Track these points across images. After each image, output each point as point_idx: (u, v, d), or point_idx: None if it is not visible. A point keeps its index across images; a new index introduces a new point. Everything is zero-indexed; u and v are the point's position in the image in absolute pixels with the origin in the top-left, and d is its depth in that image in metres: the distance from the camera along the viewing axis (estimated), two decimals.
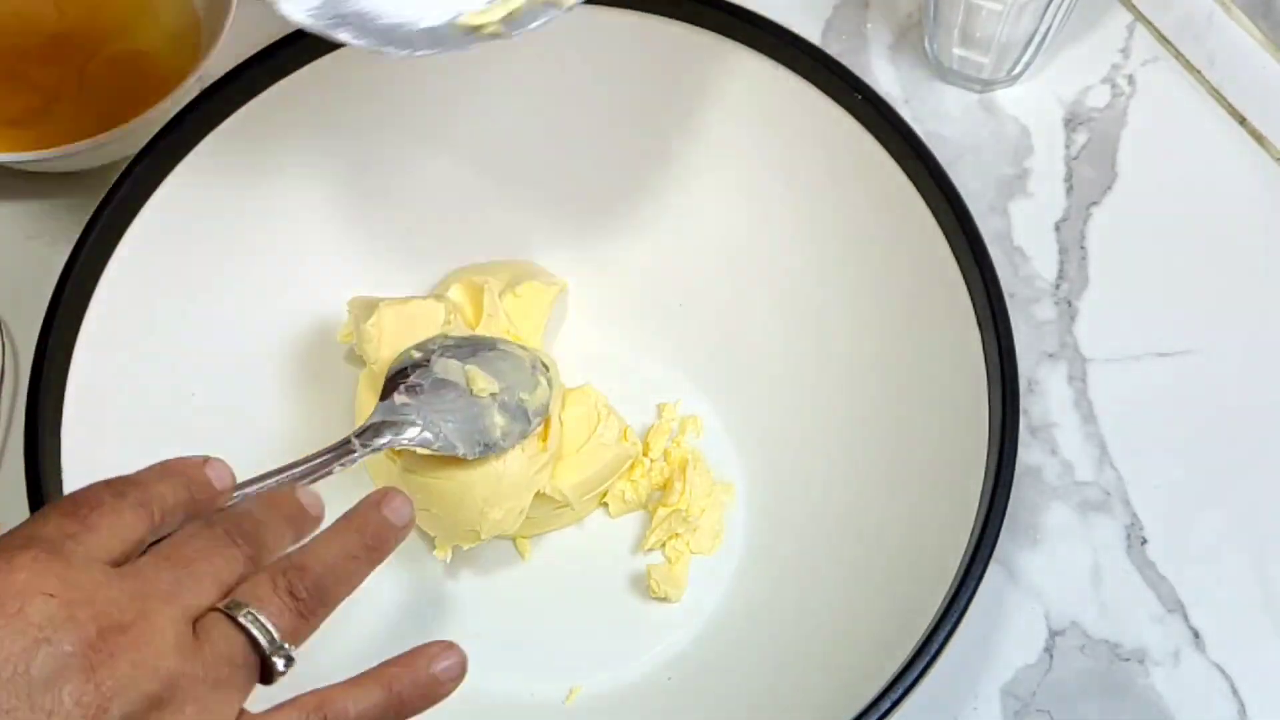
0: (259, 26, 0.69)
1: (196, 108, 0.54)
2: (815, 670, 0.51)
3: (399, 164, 0.59)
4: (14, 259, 0.64)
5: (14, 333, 0.62)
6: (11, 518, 0.58)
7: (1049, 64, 0.67)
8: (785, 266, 0.59)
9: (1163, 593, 0.56)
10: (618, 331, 0.61)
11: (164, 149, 0.53)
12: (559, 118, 0.60)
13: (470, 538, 0.52)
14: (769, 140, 0.57)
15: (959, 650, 0.49)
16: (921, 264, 0.53)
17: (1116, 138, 0.66)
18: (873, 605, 0.51)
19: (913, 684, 0.45)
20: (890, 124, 0.53)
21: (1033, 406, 0.60)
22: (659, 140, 0.59)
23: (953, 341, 0.52)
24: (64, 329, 0.51)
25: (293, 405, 0.57)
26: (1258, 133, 0.65)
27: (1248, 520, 0.57)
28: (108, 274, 0.52)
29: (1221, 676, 0.55)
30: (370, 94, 0.57)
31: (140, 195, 0.53)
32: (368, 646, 0.54)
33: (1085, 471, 0.59)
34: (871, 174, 0.54)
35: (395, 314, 0.54)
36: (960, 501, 0.48)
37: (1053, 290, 0.63)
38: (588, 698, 0.54)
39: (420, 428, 0.50)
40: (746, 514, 0.58)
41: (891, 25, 0.69)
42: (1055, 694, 0.54)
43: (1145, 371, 0.61)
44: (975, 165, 0.65)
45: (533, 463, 0.53)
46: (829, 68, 0.54)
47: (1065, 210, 0.64)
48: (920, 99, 0.67)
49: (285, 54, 0.55)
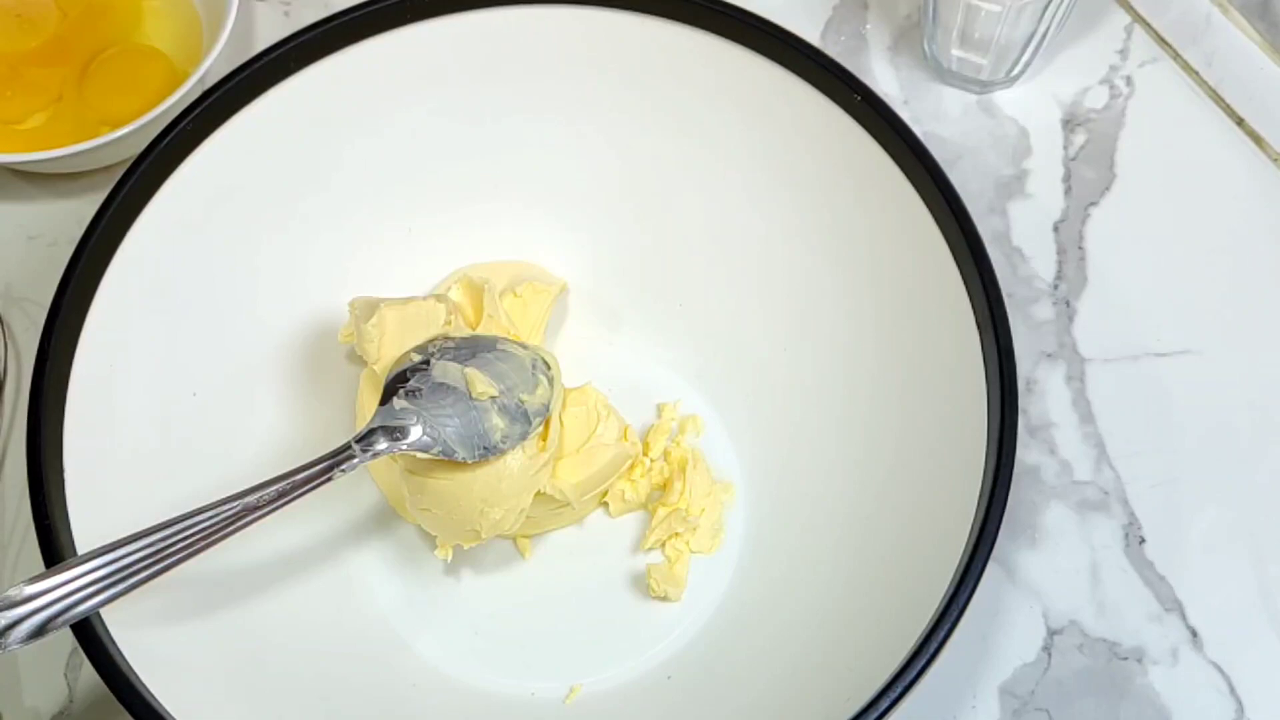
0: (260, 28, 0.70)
1: (198, 109, 0.54)
2: (815, 669, 0.51)
3: (400, 164, 0.59)
4: (16, 259, 0.64)
5: (16, 333, 0.62)
6: (14, 518, 0.58)
7: (1047, 65, 0.67)
8: (784, 267, 0.59)
9: (1161, 592, 0.56)
10: (618, 331, 0.62)
11: (166, 150, 0.53)
12: (559, 119, 0.60)
13: (471, 537, 0.53)
14: (768, 141, 0.58)
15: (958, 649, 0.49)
16: (920, 264, 0.53)
17: (1115, 138, 0.66)
18: (872, 603, 0.51)
19: (912, 682, 0.45)
20: (889, 125, 0.53)
21: (1031, 406, 0.60)
22: (659, 141, 0.60)
23: (952, 341, 0.52)
24: (66, 329, 0.51)
25: (294, 404, 0.58)
26: (1255, 134, 0.65)
27: (1245, 520, 0.58)
28: (110, 274, 0.52)
29: (1219, 675, 0.55)
30: (371, 95, 0.58)
31: (142, 196, 0.53)
32: (368, 646, 0.55)
33: (1084, 471, 0.59)
34: (871, 175, 0.54)
35: (396, 314, 0.54)
36: (959, 501, 0.48)
37: (1051, 290, 0.63)
38: (588, 697, 0.54)
39: (420, 432, 0.50)
40: (746, 514, 0.58)
41: (890, 26, 0.69)
42: (1054, 692, 0.55)
43: (1143, 371, 0.61)
44: (974, 166, 0.65)
45: (533, 462, 0.53)
46: (828, 69, 0.55)
47: (1064, 211, 0.64)
48: (919, 100, 0.67)
49: (286, 55, 0.55)
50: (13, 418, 0.60)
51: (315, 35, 0.55)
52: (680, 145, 0.59)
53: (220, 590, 0.52)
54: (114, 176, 0.53)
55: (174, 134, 0.53)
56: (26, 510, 0.48)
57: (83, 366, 0.51)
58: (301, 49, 0.55)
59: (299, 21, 0.62)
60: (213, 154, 0.55)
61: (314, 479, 0.49)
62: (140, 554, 0.45)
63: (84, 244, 0.52)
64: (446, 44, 0.57)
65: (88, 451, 0.50)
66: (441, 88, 0.58)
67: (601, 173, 0.61)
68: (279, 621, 0.53)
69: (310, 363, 0.58)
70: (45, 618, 0.43)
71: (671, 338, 0.61)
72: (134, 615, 0.47)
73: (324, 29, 0.55)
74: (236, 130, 0.55)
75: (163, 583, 0.46)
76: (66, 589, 0.44)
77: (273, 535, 0.52)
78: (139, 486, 0.51)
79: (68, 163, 0.62)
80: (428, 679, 0.54)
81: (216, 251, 0.56)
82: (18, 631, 0.43)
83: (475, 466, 0.51)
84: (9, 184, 0.66)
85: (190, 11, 0.67)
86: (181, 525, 0.46)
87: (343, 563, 0.56)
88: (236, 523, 0.47)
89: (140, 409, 0.53)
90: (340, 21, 0.56)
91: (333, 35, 0.56)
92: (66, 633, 0.45)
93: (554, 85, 0.59)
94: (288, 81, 0.56)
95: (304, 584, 0.54)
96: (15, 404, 0.60)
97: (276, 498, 0.48)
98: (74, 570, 0.44)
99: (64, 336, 0.51)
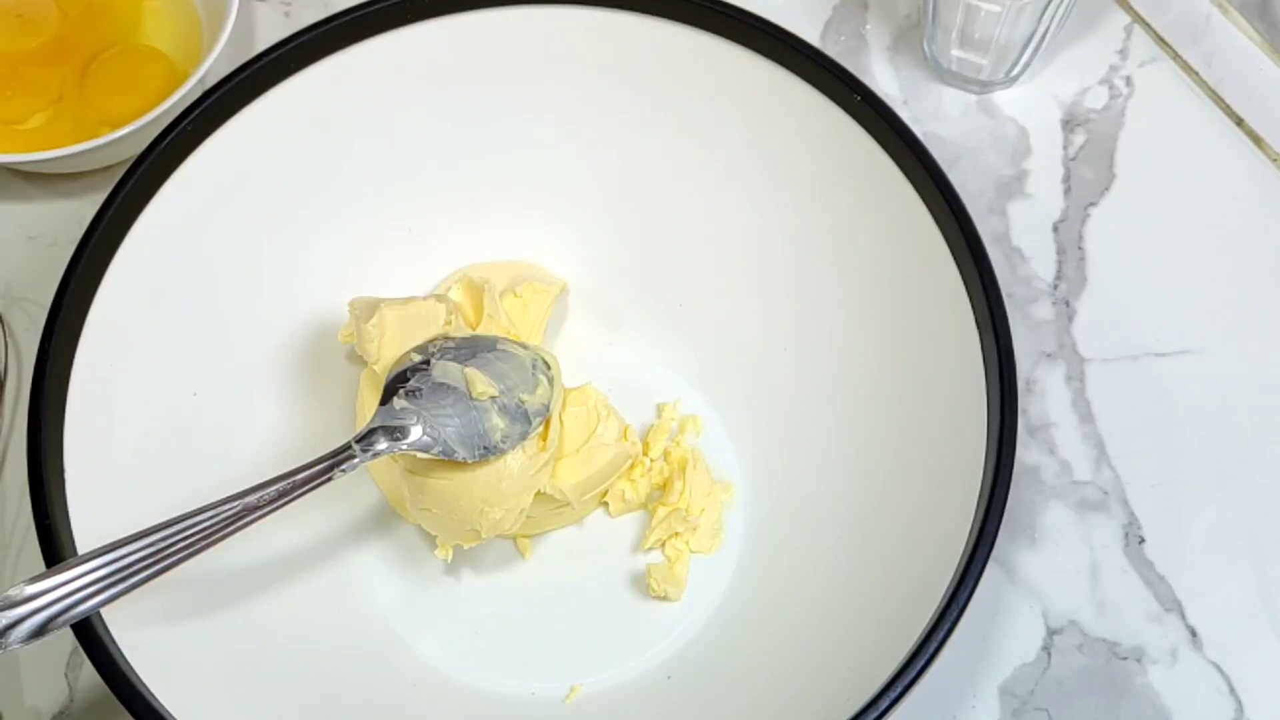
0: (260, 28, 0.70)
1: (198, 109, 0.54)
2: (815, 668, 0.51)
3: (400, 165, 0.60)
4: (17, 259, 0.64)
5: (17, 333, 0.62)
6: (15, 517, 0.59)
7: (1047, 65, 0.67)
8: (784, 267, 0.59)
9: (1160, 592, 0.56)
10: (618, 331, 0.62)
11: (166, 150, 0.53)
12: (559, 119, 0.60)
13: (471, 537, 0.53)
14: (768, 141, 0.58)
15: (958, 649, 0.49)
16: (920, 264, 0.53)
17: (1114, 139, 0.66)
18: (872, 603, 0.52)
19: (912, 682, 0.45)
20: (889, 125, 0.53)
21: (1031, 406, 0.60)
22: (658, 141, 0.60)
23: (952, 341, 0.52)
24: (66, 329, 0.51)
25: (294, 404, 0.58)
26: (1255, 134, 0.65)
27: (1245, 520, 0.58)
28: (110, 274, 0.52)
29: (1219, 675, 0.55)
30: (371, 95, 0.58)
31: (143, 196, 0.53)
32: (369, 645, 0.55)
33: (1083, 471, 0.59)
34: (870, 175, 0.54)
35: (396, 314, 0.54)
36: (959, 501, 0.48)
37: (1051, 290, 0.63)
38: (588, 697, 0.54)
39: (420, 432, 0.51)
40: (746, 514, 0.58)
41: (890, 27, 0.69)
42: (1053, 692, 0.55)
43: (1143, 371, 0.61)
44: (974, 166, 0.65)
45: (533, 462, 0.53)
46: (828, 69, 0.55)
47: (1063, 211, 0.64)
48: (919, 100, 0.67)
49: (287, 55, 0.55)
50: (13, 418, 0.60)
51: (316, 35, 0.55)
52: (680, 145, 0.59)
53: (221, 590, 0.52)
54: (114, 177, 0.53)
55: (174, 134, 0.54)
56: (27, 510, 0.48)
57: (83, 366, 0.51)
58: (302, 49, 0.55)
59: (299, 22, 0.62)
60: (213, 154, 0.55)
61: (314, 479, 0.49)
62: (140, 554, 0.45)
63: (84, 244, 0.52)
64: (447, 44, 0.57)
65: (88, 451, 0.50)
66: (442, 88, 0.58)
67: (602, 173, 0.61)
68: (279, 621, 0.53)
69: (310, 363, 0.58)
70: (46, 617, 0.43)
71: (671, 338, 0.61)
72: (134, 615, 0.47)
73: (324, 29, 0.56)
74: (237, 131, 0.55)
75: (163, 582, 0.46)
76: (67, 589, 0.44)
77: (273, 535, 0.53)
78: (139, 486, 0.51)
79: (68, 163, 0.62)
80: (428, 679, 0.54)
81: (217, 252, 0.56)
82: (18, 631, 0.43)
83: (475, 466, 0.51)
84: (10, 184, 0.66)
85: (191, 12, 0.67)
86: (182, 525, 0.46)
87: (343, 562, 0.56)
88: (237, 523, 0.47)
89: (141, 409, 0.53)
90: (341, 22, 0.56)
91: (333, 35, 0.56)
92: (67, 632, 0.45)
93: (554, 85, 0.59)
94: (288, 82, 0.56)
95: (304, 584, 0.54)
96: (16, 404, 0.60)
97: (277, 497, 0.48)
98: (74, 570, 0.44)
99: (64, 336, 0.51)
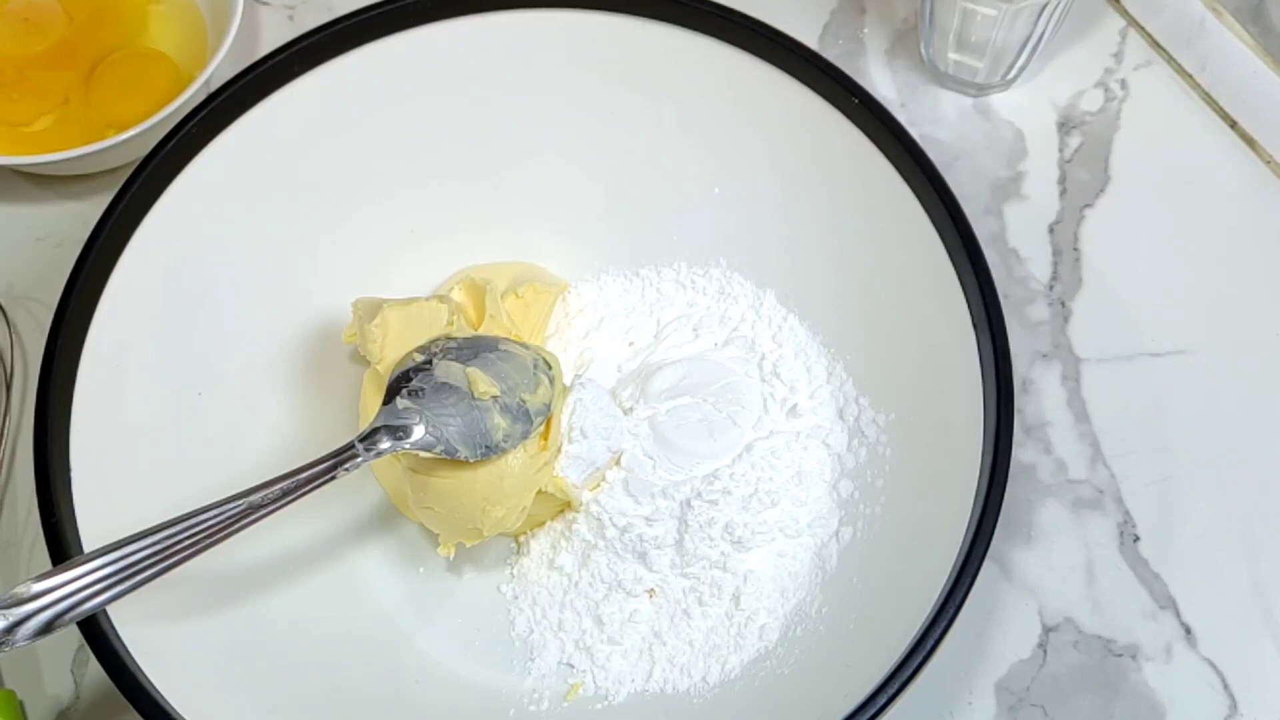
0: (264, 32, 0.71)
1: (203, 112, 0.54)
2: (812, 666, 0.52)
3: (403, 166, 0.60)
4: (23, 260, 0.64)
5: (23, 333, 0.62)
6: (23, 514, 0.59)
7: (1043, 68, 0.68)
8: (782, 268, 0.59)
9: (1155, 589, 0.57)
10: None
11: (171, 152, 0.54)
12: (561, 122, 0.60)
13: (473, 535, 0.53)
14: (766, 143, 0.58)
15: (954, 646, 0.49)
16: (917, 265, 0.54)
17: (1109, 141, 0.66)
18: (869, 601, 0.52)
19: (909, 679, 0.45)
20: (886, 128, 0.54)
21: (1027, 406, 0.60)
22: (658, 143, 0.60)
23: (948, 342, 0.52)
24: (72, 330, 0.51)
25: (298, 403, 0.58)
26: (1248, 136, 0.66)
27: (1239, 518, 0.58)
28: (115, 275, 0.53)
29: (1213, 672, 0.55)
30: (374, 98, 0.58)
31: (148, 198, 0.53)
32: (371, 642, 0.55)
33: (1079, 470, 0.59)
34: (868, 177, 0.55)
35: (399, 315, 0.55)
36: (956, 499, 0.49)
37: (1046, 291, 0.63)
38: (588, 696, 0.54)
39: (422, 432, 0.51)
40: None
41: (887, 30, 0.70)
42: (1049, 689, 0.55)
43: (1138, 371, 0.61)
44: (970, 168, 0.66)
45: (534, 461, 0.53)
46: (826, 72, 0.55)
47: (1059, 212, 0.65)
48: (916, 103, 0.68)
49: (291, 58, 0.56)
50: (20, 418, 0.60)
51: (319, 39, 0.56)
52: (678, 147, 0.60)
53: (225, 587, 0.52)
54: (120, 179, 0.54)
55: (179, 137, 0.54)
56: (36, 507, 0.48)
57: (89, 367, 0.51)
58: (305, 52, 0.56)
59: (303, 25, 0.63)
60: (218, 157, 0.55)
61: (318, 478, 0.49)
62: (146, 552, 0.45)
63: (90, 245, 0.52)
64: (449, 47, 0.58)
65: (94, 451, 0.50)
66: (444, 90, 0.59)
67: (603, 175, 0.61)
68: (283, 618, 0.53)
69: (314, 363, 0.58)
70: (52, 615, 0.44)
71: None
72: (140, 612, 0.47)
73: (328, 32, 0.56)
74: (241, 133, 0.55)
75: (168, 580, 0.46)
76: (73, 586, 0.44)
77: (277, 534, 0.53)
78: (144, 485, 0.52)
79: (74, 165, 0.62)
80: (430, 675, 0.54)
81: (221, 253, 0.56)
82: (25, 628, 0.43)
83: (477, 465, 0.52)
84: (16, 186, 0.66)
85: (195, 15, 0.68)
86: (187, 523, 0.46)
87: (346, 560, 0.56)
88: (241, 521, 0.47)
89: (145, 409, 0.53)
90: (344, 25, 0.56)
91: (336, 38, 0.56)
92: (73, 629, 0.45)
93: (555, 88, 0.59)
94: (292, 85, 0.56)
95: (308, 582, 0.55)
96: (23, 404, 0.60)
97: (280, 496, 0.48)
98: (80, 568, 0.45)
99: (70, 337, 0.51)
